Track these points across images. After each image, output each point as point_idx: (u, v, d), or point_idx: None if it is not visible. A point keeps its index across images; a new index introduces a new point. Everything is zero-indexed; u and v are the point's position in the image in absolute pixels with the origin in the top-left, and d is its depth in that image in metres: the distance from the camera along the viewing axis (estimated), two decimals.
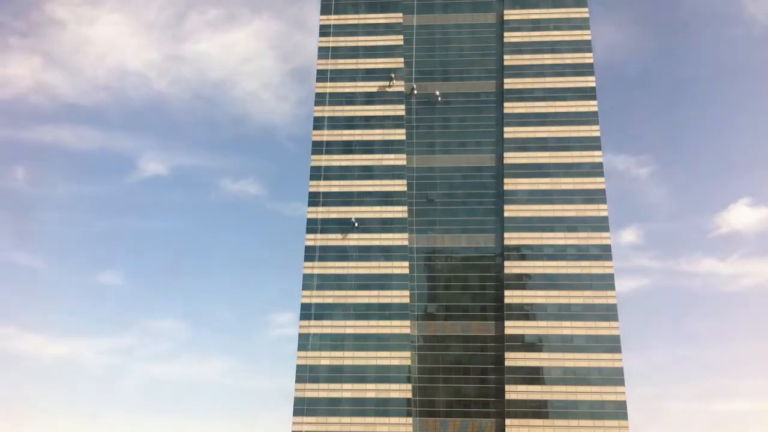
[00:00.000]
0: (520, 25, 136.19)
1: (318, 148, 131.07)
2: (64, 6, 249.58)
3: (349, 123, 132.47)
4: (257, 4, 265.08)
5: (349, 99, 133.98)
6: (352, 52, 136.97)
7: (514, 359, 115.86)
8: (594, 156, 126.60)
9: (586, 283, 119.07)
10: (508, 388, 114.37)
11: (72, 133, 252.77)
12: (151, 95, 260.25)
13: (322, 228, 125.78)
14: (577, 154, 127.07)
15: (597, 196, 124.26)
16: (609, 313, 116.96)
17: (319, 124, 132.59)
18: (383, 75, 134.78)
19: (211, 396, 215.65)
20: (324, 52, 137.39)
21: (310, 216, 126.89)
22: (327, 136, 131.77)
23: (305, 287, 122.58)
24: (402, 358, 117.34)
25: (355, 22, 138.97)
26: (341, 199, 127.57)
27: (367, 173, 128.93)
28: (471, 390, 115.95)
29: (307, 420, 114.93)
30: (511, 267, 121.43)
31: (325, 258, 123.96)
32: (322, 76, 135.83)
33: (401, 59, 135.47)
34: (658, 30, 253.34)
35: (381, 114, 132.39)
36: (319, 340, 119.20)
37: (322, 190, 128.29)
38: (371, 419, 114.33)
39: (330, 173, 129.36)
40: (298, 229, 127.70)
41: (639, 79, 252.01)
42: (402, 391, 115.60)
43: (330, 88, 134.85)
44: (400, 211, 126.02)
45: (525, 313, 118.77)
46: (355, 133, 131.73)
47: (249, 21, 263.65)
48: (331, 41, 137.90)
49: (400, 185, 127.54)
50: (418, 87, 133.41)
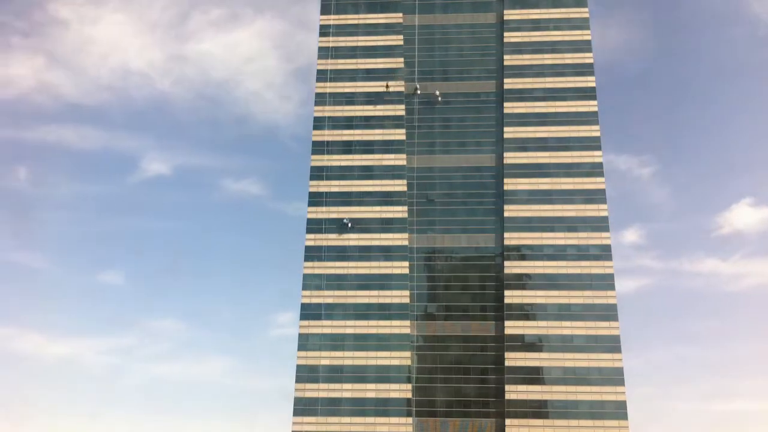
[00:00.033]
0: (520, 25, 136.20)
1: (318, 148, 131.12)
2: (66, 5, 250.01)
3: (349, 123, 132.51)
4: (260, 4, 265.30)
5: (349, 99, 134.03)
6: (352, 52, 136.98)
7: (514, 359, 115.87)
8: (594, 156, 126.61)
9: (586, 283, 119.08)
10: (508, 388, 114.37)
11: (75, 132, 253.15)
12: (154, 95, 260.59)
13: (322, 228, 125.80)
14: (577, 154, 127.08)
15: (597, 196, 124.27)
16: (609, 313, 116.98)
17: (319, 124, 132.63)
18: (383, 75, 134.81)
19: (211, 396, 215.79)
20: (324, 52, 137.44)
21: (310, 216, 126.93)
22: (327, 136, 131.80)
23: (305, 287, 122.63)
24: (402, 358, 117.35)
25: (355, 22, 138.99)
26: (341, 199, 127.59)
27: (367, 173, 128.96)
28: (471, 390, 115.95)
29: (307, 420, 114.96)
30: (511, 267, 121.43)
31: (325, 258, 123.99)
32: (322, 76, 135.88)
33: (401, 59, 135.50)
34: (659, 30, 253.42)
35: (381, 114, 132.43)
36: (319, 340, 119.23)
37: (322, 190, 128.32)
38: (371, 419, 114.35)
39: (330, 173, 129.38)
40: (299, 229, 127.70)
41: (640, 78, 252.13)
42: (402, 391, 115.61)
43: (330, 88, 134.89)
44: (400, 211, 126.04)
45: (525, 313, 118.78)
46: (355, 133, 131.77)
47: (252, 21, 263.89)
48: (331, 41, 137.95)
49: (400, 185, 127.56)
50: (418, 87, 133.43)
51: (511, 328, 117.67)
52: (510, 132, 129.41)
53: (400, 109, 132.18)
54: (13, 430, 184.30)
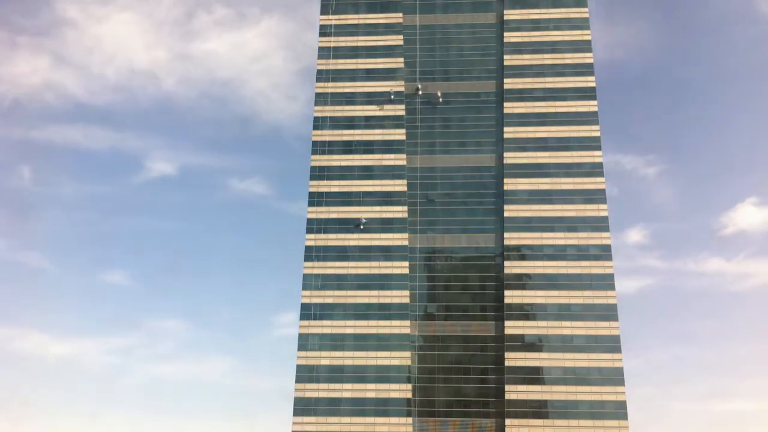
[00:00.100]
0: (520, 25, 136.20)
1: (318, 148, 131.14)
2: (74, 5, 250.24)
3: (349, 123, 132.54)
4: (267, 4, 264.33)
5: (349, 99, 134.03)
6: (352, 52, 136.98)
7: (514, 359, 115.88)
8: (594, 156, 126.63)
9: (586, 283, 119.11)
10: (508, 388, 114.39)
11: (82, 132, 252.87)
12: (160, 94, 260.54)
13: (322, 228, 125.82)
14: (577, 154, 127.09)
15: (597, 196, 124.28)
16: (609, 313, 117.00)
17: (319, 124, 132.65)
18: (383, 75, 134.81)
19: (212, 396, 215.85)
20: (324, 52, 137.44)
21: (310, 216, 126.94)
22: (327, 136, 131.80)
23: (305, 287, 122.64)
24: (402, 358, 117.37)
25: (355, 22, 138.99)
26: (341, 199, 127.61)
27: (367, 173, 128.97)
28: (471, 390, 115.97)
29: (307, 420, 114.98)
30: (511, 267, 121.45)
31: (325, 258, 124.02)
32: (322, 76, 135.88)
33: (401, 59, 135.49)
34: (659, 29, 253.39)
35: (381, 114, 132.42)
36: (319, 340, 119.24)
37: (323, 190, 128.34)
38: (371, 419, 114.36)
39: (330, 173, 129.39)
40: (300, 228, 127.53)
41: (644, 78, 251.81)
42: (402, 391, 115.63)
43: (330, 88, 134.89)
44: (400, 211, 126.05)
45: (525, 313, 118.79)
46: (355, 133, 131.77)
47: (259, 20, 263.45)
48: (331, 41, 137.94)
49: (400, 185, 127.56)
50: (419, 87, 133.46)
51: (511, 328, 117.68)
52: (510, 132, 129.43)
53: (400, 109, 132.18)
54: (13, 430, 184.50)
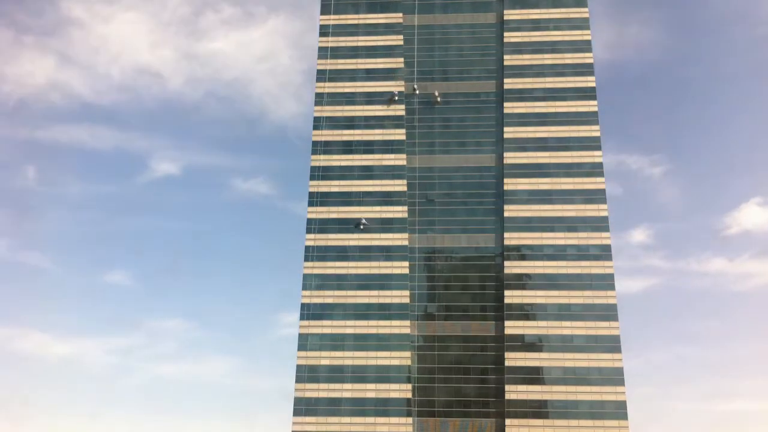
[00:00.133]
0: (520, 25, 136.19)
1: (318, 148, 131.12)
2: (79, 4, 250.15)
3: (349, 123, 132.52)
4: (274, 3, 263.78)
5: (349, 99, 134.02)
6: (352, 52, 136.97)
7: (514, 359, 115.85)
8: (594, 156, 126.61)
9: (586, 283, 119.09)
10: (508, 388, 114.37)
11: (87, 132, 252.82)
12: (166, 94, 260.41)
13: (322, 228, 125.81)
14: (577, 154, 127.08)
15: (597, 196, 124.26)
16: (609, 313, 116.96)
17: (318, 124, 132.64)
18: (383, 75, 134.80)
19: (212, 396, 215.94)
20: (324, 52, 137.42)
21: (310, 216, 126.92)
22: (327, 136, 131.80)
23: (305, 287, 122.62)
24: (402, 358, 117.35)
25: (355, 22, 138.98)
26: (341, 199, 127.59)
27: (367, 173, 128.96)
28: (471, 390, 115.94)
29: (307, 420, 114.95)
30: (511, 267, 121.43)
31: (325, 258, 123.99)
32: (321, 76, 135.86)
33: (401, 59, 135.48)
34: (659, 29, 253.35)
35: (381, 114, 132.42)
36: (319, 340, 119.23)
37: (323, 190, 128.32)
38: (371, 419, 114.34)
39: (330, 173, 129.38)
40: (301, 228, 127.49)
41: (644, 78, 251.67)
42: (402, 391, 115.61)
43: (330, 88, 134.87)
44: (400, 211, 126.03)
45: (525, 313, 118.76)
46: (355, 133, 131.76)
47: (265, 19, 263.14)
48: (331, 41, 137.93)
49: (400, 185, 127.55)
50: (418, 87, 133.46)
51: (511, 328, 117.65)
52: (510, 132, 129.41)
53: (400, 109, 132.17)
54: (14, 430, 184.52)
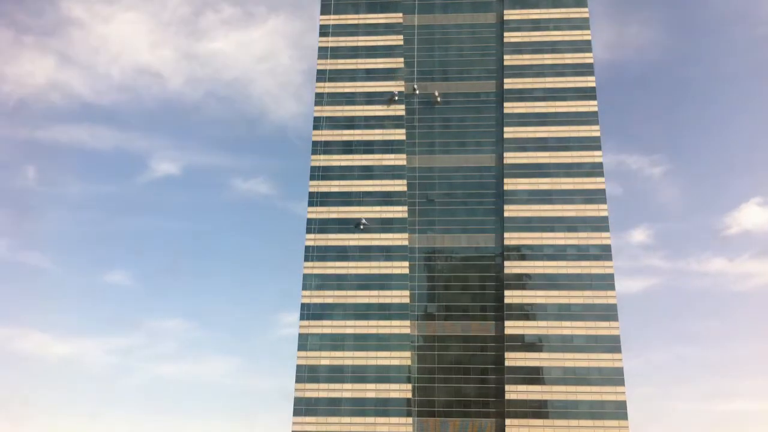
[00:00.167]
0: (520, 25, 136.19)
1: (318, 148, 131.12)
2: (79, 4, 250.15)
3: (349, 123, 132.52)
4: (274, 3, 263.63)
5: (349, 99, 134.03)
6: (352, 52, 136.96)
7: (514, 359, 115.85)
8: (594, 156, 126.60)
9: (586, 283, 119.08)
10: (508, 388, 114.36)
11: (87, 132, 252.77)
12: (166, 94, 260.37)
13: (322, 228, 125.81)
14: (577, 154, 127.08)
15: (597, 196, 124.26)
16: (609, 313, 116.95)
17: (318, 124, 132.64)
18: (383, 75, 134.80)
19: (211, 396, 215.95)
20: (324, 52, 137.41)
21: (310, 216, 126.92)
22: (327, 136, 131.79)
23: (305, 287, 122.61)
24: (402, 358, 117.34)
25: (355, 22, 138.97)
26: (341, 199, 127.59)
27: (367, 173, 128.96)
28: (471, 390, 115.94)
29: (307, 420, 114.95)
30: (511, 267, 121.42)
31: (325, 258, 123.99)
32: (321, 76, 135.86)
33: (401, 59, 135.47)
34: (659, 29, 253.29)
35: (381, 114, 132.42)
36: (319, 340, 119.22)
37: (323, 190, 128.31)
38: (371, 419, 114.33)
39: (330, 173, 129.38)
40: (302, 228, 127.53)
41: (644, 78, 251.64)
42: (402, 391, 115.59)
43: (330, 88, 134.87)
44: (400, 211, 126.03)
45: (525, 313, 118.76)
46: (355, 133, 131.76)
47: (265, 19, 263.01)
48: (330, 41, 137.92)
49: (400, 185, 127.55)
50: (418, 87, 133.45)
51: (511, 328, 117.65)
52: (510, 132, 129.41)
53: (400, 109, 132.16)
54: (14, 430, 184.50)
